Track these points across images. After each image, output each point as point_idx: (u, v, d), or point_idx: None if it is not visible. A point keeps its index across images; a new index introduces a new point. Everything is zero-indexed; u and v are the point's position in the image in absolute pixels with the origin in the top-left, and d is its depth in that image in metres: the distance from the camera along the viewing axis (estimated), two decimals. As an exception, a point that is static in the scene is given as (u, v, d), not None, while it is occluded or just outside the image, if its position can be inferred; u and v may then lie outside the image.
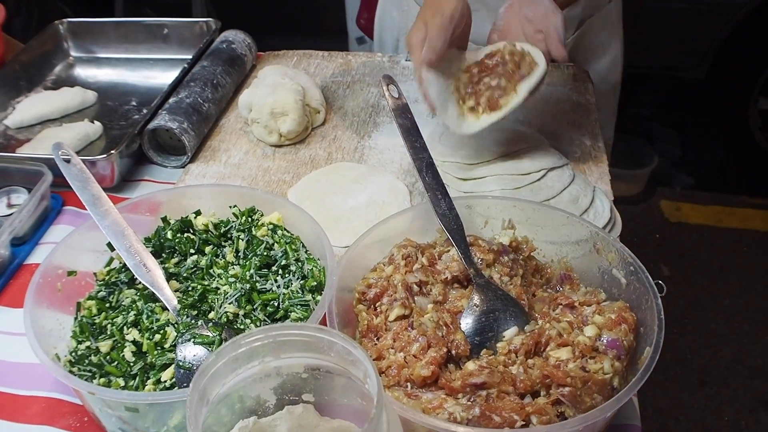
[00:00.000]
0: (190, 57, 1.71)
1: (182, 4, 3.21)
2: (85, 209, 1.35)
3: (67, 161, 1.15)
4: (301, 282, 1.03)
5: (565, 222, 1.12)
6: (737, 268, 3.11)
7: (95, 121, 1.59)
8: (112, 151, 1.37)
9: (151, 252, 1.08)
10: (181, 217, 1.15)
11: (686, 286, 3.11)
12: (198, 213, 1.16)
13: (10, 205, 1.37)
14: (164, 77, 1.78)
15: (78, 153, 1.51)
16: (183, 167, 1.46)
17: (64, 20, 1.88)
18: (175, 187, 1.33)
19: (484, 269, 1.04)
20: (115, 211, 1.09)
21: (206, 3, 3.21)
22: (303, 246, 1.09)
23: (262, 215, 1.14)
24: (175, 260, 1.12)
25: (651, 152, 3.47)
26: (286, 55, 1.83)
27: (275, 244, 1.08)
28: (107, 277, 1.11)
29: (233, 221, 1.14)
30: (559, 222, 1.12)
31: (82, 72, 1.86)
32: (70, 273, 1.08)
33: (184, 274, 1.08)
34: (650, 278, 1.01)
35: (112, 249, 1.12)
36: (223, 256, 1.11)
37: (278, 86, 1.49)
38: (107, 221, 1.08)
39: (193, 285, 1.06)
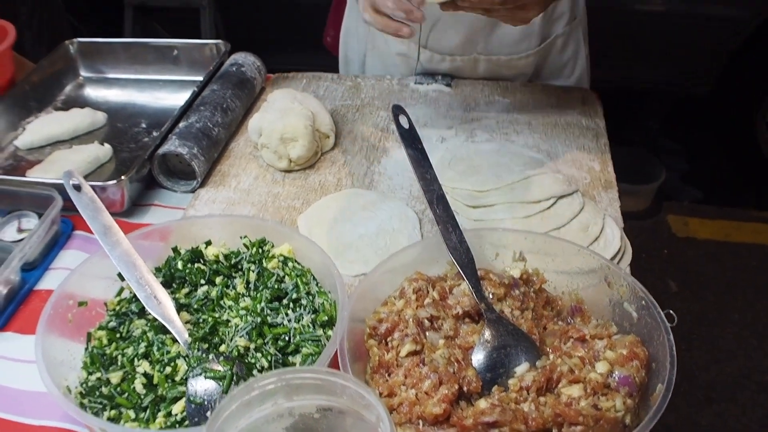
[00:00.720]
0: (200, 79, 1.71)
1: (191, 17, 3.22)
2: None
3: (78, 189, 1.16)
4: (312, 316, 1.03)
5: (575, 253, 1.12)
6: (745, 283, 3.11)
7: (105, 144, 1.60)
8: (123, 177, 1.37)
9: (161, 282, 1.09)
10: (192, 248, 1.15)
11: (694, 302, 3.10)
12: (208, 243, 1.16)
13: (20, 230, 1.37)
14: (174, 99, 1.79)
15: (88, 176, 1.54)
16: (193, 192, 1.46)
17: (75, 40, 1.89)
18: (186, 218, 1.33)
19: (496, 303, 1.04)
20: (126, 241, 1.10)
21: (215, 16, 3.22)
22: (314, 278, 1.09)
23: (272, 246, 1.14)
24: (185, 291, 1.12)
25: (658, 166, 3.46)
26: (295, 78, 1.83)
27: (286, 276, 1.09)
28: (118, 308, 1.11)
29: (244, 252, 1.14)
30: (570, 253, 1.12)
31: (92, 92, 1.86)
32: (81, 303, 1.09)
33: (195, 306, 1.08)
34: (662, 313, 1.01)
35: (123, 279, 1.12)
36: (234, 287, 1.11)
37: (288, 111, 1.49)
38: (118, 251, 1.08)
39: (203, 317, 1.06)
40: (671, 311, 1.04)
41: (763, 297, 3.04)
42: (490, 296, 1.04)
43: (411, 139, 1.18)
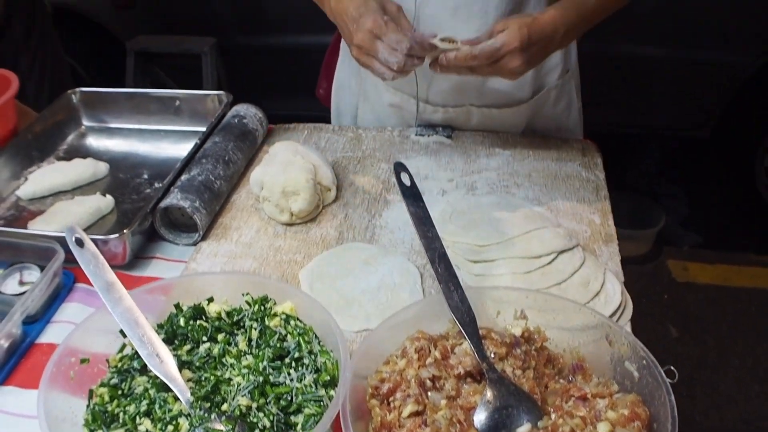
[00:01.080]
0: (202, 129, 1.73)
1: (192, 63, 3.25)
2: (97, 287, 1.39)
3: (80, 244, 1.16)
4: (315, 376, 1.02)
5: (576, 311, 1.12)
6: (745, 328, 3.10)
7: (107, 195, 1.61)
8: (125, 231, 1.37)
9: (163, 339, 1.09)
10: (194, 304, 1.15)
11: (694, 347, 3.09)
12: (210, 300, 1.16)
13: (22, 283, 1.38)
14: (175, 149, 1.80)
15: (90, 227, 1.54)
16: (195, 245, 1.47)
17: (77, 90, 1.91)
18: (188, 275, 1.33)
19: (497, 362, 1.04)
20: (129, 297, 1.10)
21: (216, 63, 3.25)
22: (315, 337, 1.09)
23: (275, 303, 1.14)
24: (187, 347, 1.12)
25: (658, 211, 3.48)
26: (296, 129, 1.85)
27: (288, 335, 1.09)
28: (120, 364, 1.11)
29: (246, 309, 1.14)
30: (571, 311, 1.12)
31: (93, 142, 1.88)
32: (83, 360, 1.08)
33: (197, 363, 1.08)
34: (663, 373, 1.01)
35: (125, 335, 1.12)
36: (236, 345, 1.11)
37: (289, 164, 1.50)
38: (120, 308, 1.08)
39: (206, 375, 1.06)
40: (672, 367, 1.04)
41: (764, 341, 3.03)
42: (492, 355, 1.04)
43: (413, 197, 1.19)
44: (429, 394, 1.00)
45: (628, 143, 3.68)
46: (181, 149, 1.79)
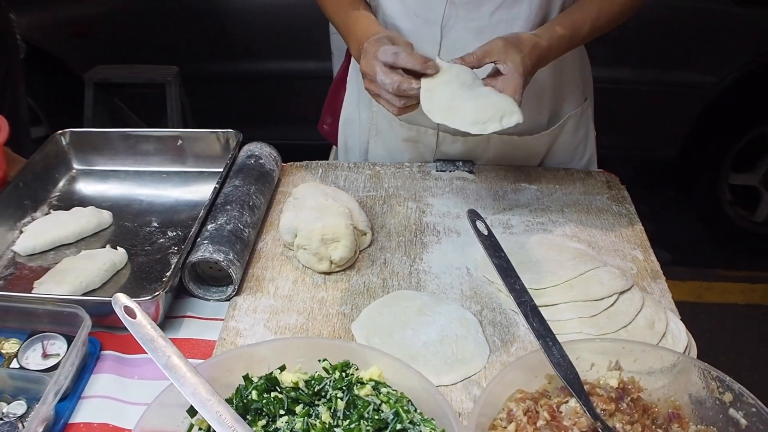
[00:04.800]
0: (208, 170, 1.64)
1: (155, 93, 3.11)
2: (127, 353, 1.28)
3: (131, 314, 1.05)
4: (423, 449, 0.94)
5: (673, 361, 1.08)
6: (721, 343, 3.13)
7: (119, 248, 1.48)
8: (159, 292, 1.26)
9: (234, 415, 0.98)
10: (266, 375, 1.05)
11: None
12: (283, 368, 1.06)
13: (46, 355, 1.24)
14: (181, 193, 1.69)
15: (105, 285, 1.42)
16: (228, 300, 1.36)
17: (66, 131, 1.77)
18: (258, 344, 1.18)
19: (608, 419, 0.99)
20: (197, 373, 0.99)
21: (180, 92, 3.12)
22: (411, 405, 1.01)
23: (356, 369, 1.05)
24: (262, 423, 1.02)
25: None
26: (309, 167, 1.76)
27: (383, 404, 1.00)
28: (191, 447, 1.00)
29: (326, 377, 1.05)
30: (668, 362, 1.08)
31: (86, 187, 1.74)
32: (154, 449, 0.97)
33: (281, 441, 0.98)
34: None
35: (193, 415, 1.02)
36: (317, 417, 1.01)
37: (325, 209, 1.42)
38: (189, 386, 0.98)
39: (296, 456, 0.96)
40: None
41: (741, 356, 3.07)
42: (602, 413, 0.99)
43: (493, 248, 1.12)
44: (547, 460, 0.94)
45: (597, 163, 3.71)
46: (188, 192, 1.69)
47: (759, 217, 3.82)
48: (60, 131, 1.77)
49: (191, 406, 1.01)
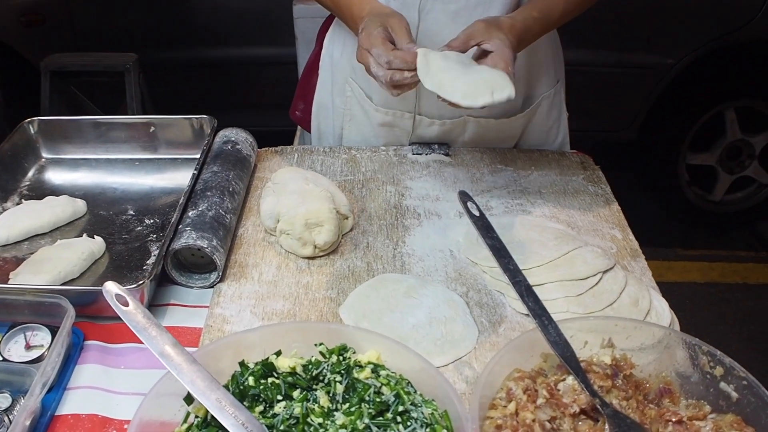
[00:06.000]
0: (182, 157, 1.61)
1: (113, 81, 3.03)
2: (113, 342, 1.25)
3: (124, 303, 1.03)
4: (427, 431, 0.94)
5: (661, 337, 1.10)
6: (681, 321, 3.19)
7: (96, 236, 1.45)
8: (144, 280, 1.23)
9: (230, 402, 0.97)
10: (262, 360, 1.04)
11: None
12: (279, 353, 1.05)
13: (29, 347, 1.21)
14: (155, 180, 1.67)
15: (84, 274, 1.39)
16: (211, 287, 1.35)
17: (35, 119, 1.72)
18: (252, 330, 1.16)
19: (604, 395, 1.00)
20: (195, 361, 0.98)
21: (139, 80, 3.05)
22: (411, 386, 1.01)
23: (354, 352, 1.05)
24: (259, 408, 1.01)
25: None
26: (284, 152, 1.74)
27: (383, 386, 0.99)
28: (188, 436, 0.98)
29: (324, 361, 1.04)
30: (657, 338, 1.09)
31: (55, 176, 1.70)
32: (153, 437, 0.96)
33: (281, 427, 0.97)
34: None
35: (189, 402, 1.00)
36: (315, 401, 1.01)
37: (306, 194, 1.41)
38: (188, 374, 0.96)
39: (297, 440, 0.95)
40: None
41: (702, 334, 3.14)
42: (599, 390, 1.00)
43: (485, 228, 1.13)
44: (549, 436, 0.95)
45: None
46: (162, 179, 1.67)
47: (716, 197, 3.90)
48: (28, 119, 1.73)
49: (188, 394, 1.00)
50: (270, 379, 1.02)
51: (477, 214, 1.15)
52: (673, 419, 1.01)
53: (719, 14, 3.47)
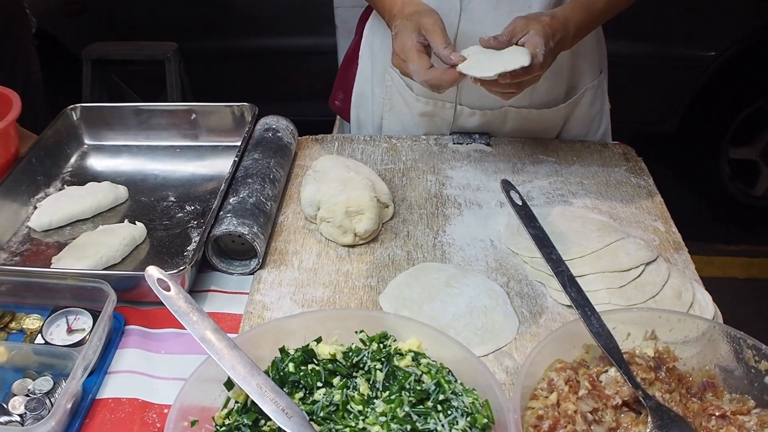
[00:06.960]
0: (223, 144, 1.62)
1: (154, 70, 3.07)
2: (153, 328, 1.26)
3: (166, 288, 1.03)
4: (468, 420, 0.93)
5: (706, 329, 1.08)
6: (722, 317, 3.15)
7: (137, 222, 1.47)
8: (185, 266, 1.24)
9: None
10: (303, 347, 1.04)
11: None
12: (319, 340, 1.06)
13: (70, 331, 1.23)
14: (196, 167, 1.68)
15: (125, 259, 1.41)
16: (251, 273, 1.35)
17: (77, 106, 1.74)
18: (293, 316, 1.20)
19: (647, 388, 0.99)
20: (236, 346, 0.98)
21: (179, 68, 3.08)
22: (452, 375, 1.00)
23: (394, 340, 1.05)
24: (299, 395, 1.01)
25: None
26: (325, 140, 1.74)
27: (423, 375, 0.99)
28: (229, 421, 0.99)
29: (364, 349, 1.04)
30: (701, 329, 1.08)
31: (98, 162, 1.72)
32: (194, 423, 0.96)
33: (321, 414, 0.97)
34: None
35: (230, 388, 1.01)
36: (355, 389, 1.01)
37: (348, 182, 1.40)
38: (229, 360, 0.96)
39: (337, 427, 0.95)
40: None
41: (743, 330, 3.09)
42: (642, 382, 0.99)
43: (527, 218, 1.12)
44: (592, 427, 0.94)
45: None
46: (203, 166, 1.68)
47: (758, 191, 3.82)
48: (71, 106, 1.75)
49: (228, 379, 1.01)
50: (310, 366, 1.03)
51: (520, 203, 1.14)
52: (717, 413, 1.00)
53: (762, 6, 3.40)
